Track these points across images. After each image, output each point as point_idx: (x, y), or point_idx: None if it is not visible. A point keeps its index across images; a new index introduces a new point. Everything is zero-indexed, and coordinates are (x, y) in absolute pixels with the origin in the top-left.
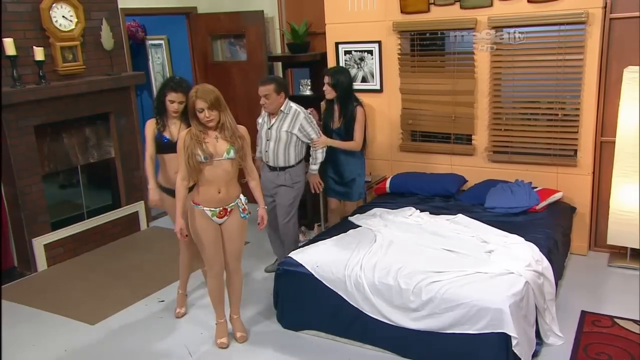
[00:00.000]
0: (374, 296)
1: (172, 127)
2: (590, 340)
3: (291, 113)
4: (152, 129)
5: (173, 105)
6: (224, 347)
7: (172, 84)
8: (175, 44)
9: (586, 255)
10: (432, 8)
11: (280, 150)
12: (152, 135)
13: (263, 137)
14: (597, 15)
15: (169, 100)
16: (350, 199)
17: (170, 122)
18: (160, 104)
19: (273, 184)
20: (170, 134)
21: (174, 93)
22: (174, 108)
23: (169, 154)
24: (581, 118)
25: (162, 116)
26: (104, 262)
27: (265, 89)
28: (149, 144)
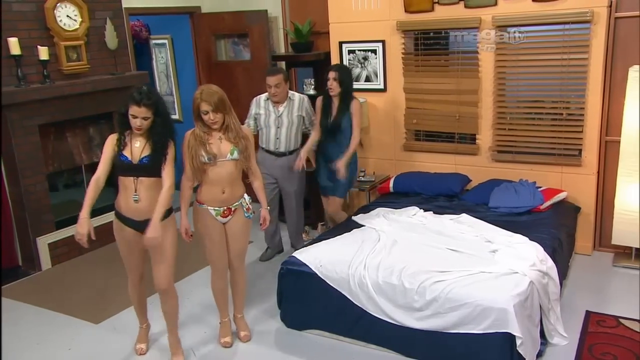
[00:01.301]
0: (378, 296)
1: (134, 146)
2: (595, 341)
3: (296, 98)
4: (112, 147)
5: (135, 121)
6: (228, 346)
7: (136, 96)
8: (179, 44)
9: (591, 255)
10: (436, 7)
11: (292, 134)
12: (110, 154)
13: (272, 126)
14: (602, 14)
15: (131, 114)
16: (335, 193)
17: (133, 139)
18: (123, 117)
19: (282, 169)
20: (131, 154)
21: (136, 107)
22: (137, 124)
23: (128, 177)
24: (586, 117)
25: (124, 132)
26: (108, 261)
27: (276, 79)
28: (102, 163)
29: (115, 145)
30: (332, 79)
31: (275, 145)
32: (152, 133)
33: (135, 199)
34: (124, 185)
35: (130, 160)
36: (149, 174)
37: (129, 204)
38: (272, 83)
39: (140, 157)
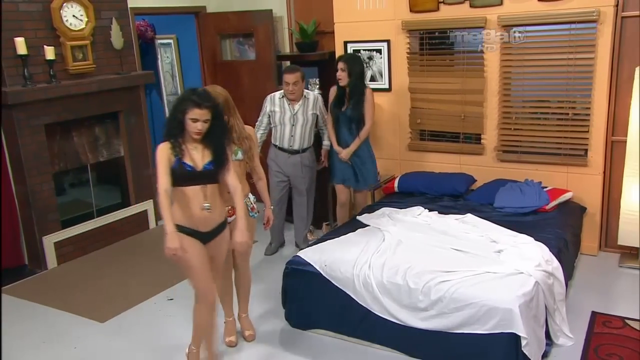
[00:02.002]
0: (383, 295)
1: (193, 153)
2: (601, 341)
3: (311, 97)
4: (167, 156)
5: (196, 124)
6: (232, 345)
7: (195, 98)
8: (184, 43)
9: (596, 256)
10: (441, 7)
11: (306, 132)
12: (167, 164)
13: (287, 123)
14: (609, 13)
15: (191, 118)
16: (359, 186)
17: (190, 145)
18: (176, 123)
19: (295, 167)
20: (193, 161)
21: (198, 109)
22: (197, 128)
23: (194, 185)
24: (592, 117)
25: (177, 139)
26: (114, 260)
27: (294, 77)
28: (164, 174)
29: (171, 154)
30: (341, 70)
31: (289, 143)
32: (212, 137)
33: (208, 207)
34: (188, 196)
35: (194, 168)
36: (214, 180)
37: (198, 215)
38: (290, 81)
39: (203, 163)
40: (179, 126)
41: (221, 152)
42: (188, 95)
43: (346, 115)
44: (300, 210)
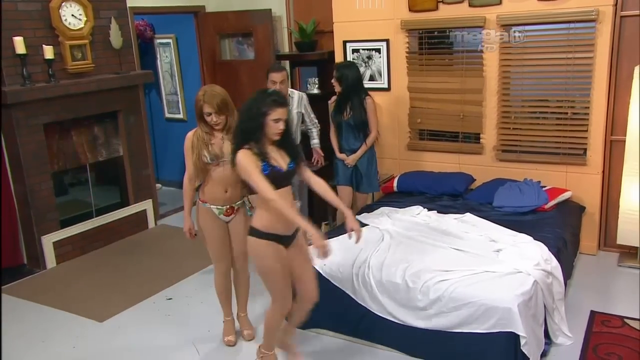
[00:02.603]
0: (382, 295)
1: (273, 154)
2: (600, 341)
3: (296, 95)
4: (255, 162)
5: (279, 124)
6: (231, 344)
7: (276, 98)
8: (184, 43)
9: (596, 255)
10: (440, 6)
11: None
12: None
13: None
14: (608, 13)
15: (274, 119)
16: (363, 190)
17: (269, 147)
18: (257, 126)
19: None
20: (277, 162)
21: (280, 109)
22: (280, 128)
23: (285, 187)
24: (591, 117)
25: (258, 142)
26: (113, 260)
27: (281, 75)
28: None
29: (257, 159)
30: (335, 78)
31: None
32: (285, 135)
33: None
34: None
35: (282, 169)
36: (292, 180)
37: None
38: (277, 79)
39: (286, 163)
40: (259, 129)
41: (297, 150)
42: (265, 97)
43: (349, 123)
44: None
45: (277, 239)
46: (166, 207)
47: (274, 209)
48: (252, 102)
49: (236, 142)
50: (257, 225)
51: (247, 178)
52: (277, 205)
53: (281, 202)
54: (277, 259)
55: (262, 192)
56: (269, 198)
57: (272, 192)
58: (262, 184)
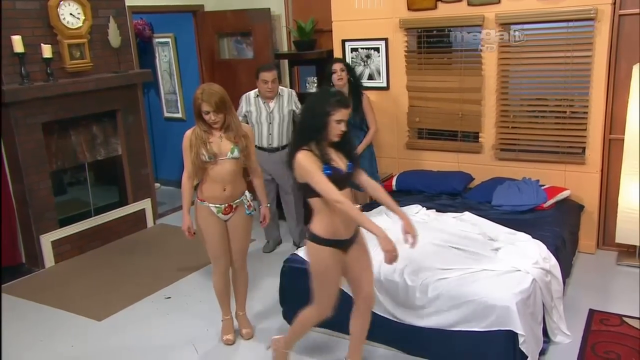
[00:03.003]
0: (380, 293)
1: (333, 155)
2: (599, 339)
3: (285, 93)
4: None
5: (341, 125)
6: (230, 343)
7: (340, 99)
8: (182, 42)
9: (594, 254)
10: (439, 5)
11: (284, 129)
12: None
13: (264, 122)
14: (606, 11)
15: (337, 120)
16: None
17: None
18: (319, 127)
19: (276, 164)
20: (337, 163)
21: (345, 110)
22: (342, 130)
23: (346, 188)
24: (589, 115)
25: (319, 144)
26: (111, 259)
27: (273, 74)
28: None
29: (318, 161)
30: (340, 70)
31: (268, 142)
32: (345, 136)
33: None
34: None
35: (342, 171)
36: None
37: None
38: (269, 78)
39: (345, 165)
40: (322, 130)
41: (355, 151)
42: (329, 97)
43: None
44: (289, 208)
45: (337, 244)
46: (165, 207)
47: (340, 212)
48: (315, 101)
49: (295, 143)
50: (317, 231)
51: (308, 180)
52: (344, 207)
53: (348, 204)
54: (334, 265)
55: (328, 194)
56: (335, 200)
57: (338, 194)
58: (327, 185)
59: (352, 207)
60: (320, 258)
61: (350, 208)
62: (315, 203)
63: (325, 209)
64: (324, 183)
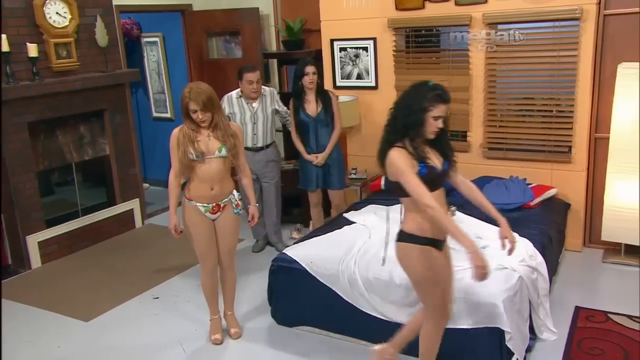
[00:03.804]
0: (368, 292)
1: (429, 153)
2: (584, 335)
3: (268, 93)
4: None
5: (438, 122)
6: (218, 343)
7: (441, 93)
8: (171, 42)
9: (581, 252)
10: (427, 4)
11: (268, 128)
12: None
13: (248, 123)
14: (592, 11)
15: (435, 116)
16: (332, 186)
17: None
18: (417, 123)
19: (263, 162)
20: (433, 161)
21: (444, 105)
22: (439, 126)
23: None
24: (575, 114)
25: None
26: (99, 260)
27: (257, 75)
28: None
29: (412, 159)
30: (312, 73)
31: (253, 142)
32: (441, 133)
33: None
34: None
35: (438, 169)
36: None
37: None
38: (254, 79)
39: (440, 163)
40: (419, 126)
41: (451, 149)
42: (427, 91)
43: (320, 119)
44: (270, 207)
45: (433, 243)
46: (154, 207)
47: (430, 218)
48: (412, 96)
49: (388, 139)
50: (411, 229)
51: (400, 179)
52: (435, 213)
53: (440, 211)
54: (434, 265)
55: (419, 197)
56: (426, 205)
57: (430, 198)
58: (420, 188)
59: (443, 214)
60: (416, 258)
61: (440, 215)
62: (407, 202)
63: (418, 209)
64: (416, 185)
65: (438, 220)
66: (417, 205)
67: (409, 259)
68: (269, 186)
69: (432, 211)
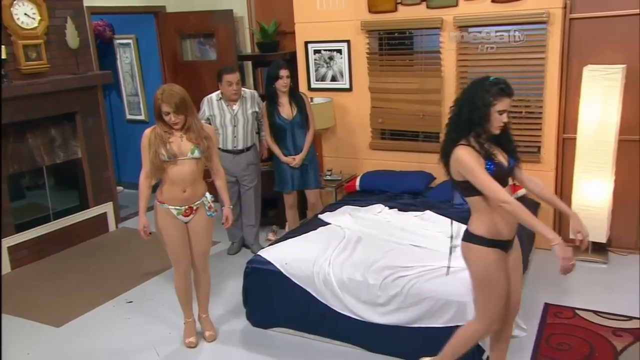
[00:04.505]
0: (343, 292)
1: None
2: (553, 331)
3: (248, 94)
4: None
5: (503, 117)
6: (192, 346)
7: (505, 87)
8: (144, 43)
9: (550, 250)
10: (399, 7)
11: (248, 131)
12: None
13: (228, 125)
14: (558, 15)
15: (499, 110)
16: (309, 186)
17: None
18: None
19: (243, 165)
20: (498, 157)
21: (507, 99)
22: (504, 121)
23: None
24: (544, 115)
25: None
26: (71, 264)
27: (236, 76)
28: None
29: (480, 156)
30: (286, 77)
31: (233, 144)
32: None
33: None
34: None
35: (504, 165)
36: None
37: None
38: (234, 80)
39: (506, 159)
40: (484, 122)
41: (515, 145)
42: (491, 85)
43: (296, 122)
44: (249, 209)
45: (501, 245)
46: (128, 210)
47: (508, 213)
48: (475, 90)
49: (452, 137)
50: (479, 232)
51: (469, 178)
52: (514, 208)
53: (518, 205)
54: (502, 267)
55: (494, 194)
56: (503, 200)
57: (505, 194)
58: (494, 185)
59: (522, 207)
60: (486, 262)
61: (519, 209)
62: (474, 202)
63: (486, 208)
64: (490, 182)
65: (517, 214)
66: (487, 204)
67: (471, 258)
68: (249, 189)
69: (510, 206)
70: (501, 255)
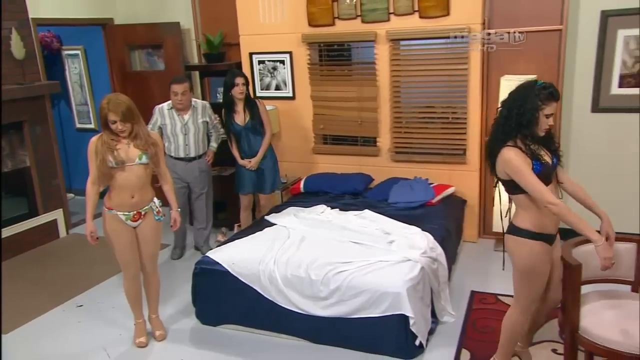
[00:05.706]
0: (287, 288)
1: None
2: (478, 316)
3: (199, 105)
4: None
5: (549, 120)
6: (143, 346)
7: (553, 91)
8: (93, 54)
9: (476, 242)
10: (336, 22)
11: (199, 139)
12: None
13: (179, 134)
14: (477, 30)
15: (547, 114)
16: (264, 190)
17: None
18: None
19: (196, 172)
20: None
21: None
22: (550, 124)
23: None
24: (468, 121)
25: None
26: (20, 271)
27: (183, 87)
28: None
29: (527, 158)
30: (242, 84)
31: (185, 152)
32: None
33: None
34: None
35: (550, 165)
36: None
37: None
38: (179, 90)
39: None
40: (532, 124)
41: (557, 145)
42: (540, 89)
43: (249, 127)
44: (201, 214)
45: (547, 238)
46: (79, 216)
47: (554, 214)
48: (524, 95)
49: (500, 139)
50: (525, 225)
51: (517, 179)
52: (559, 210)
53: (563, 206)
54: (547, 260)
55: (541, 195)
56: (549, 202)
57: (552, 196)
58: (541, 187)
59: (567, 209)
60: (532, 253)
61: (565, 210)
62: (519, 199)
63: (530, 205)
64: (537, 184)
65: (563, 216)
66: (532, 201)
67: (517, 250)
68: (201, 195)
69: (557, 208)
70: (547, 247)
